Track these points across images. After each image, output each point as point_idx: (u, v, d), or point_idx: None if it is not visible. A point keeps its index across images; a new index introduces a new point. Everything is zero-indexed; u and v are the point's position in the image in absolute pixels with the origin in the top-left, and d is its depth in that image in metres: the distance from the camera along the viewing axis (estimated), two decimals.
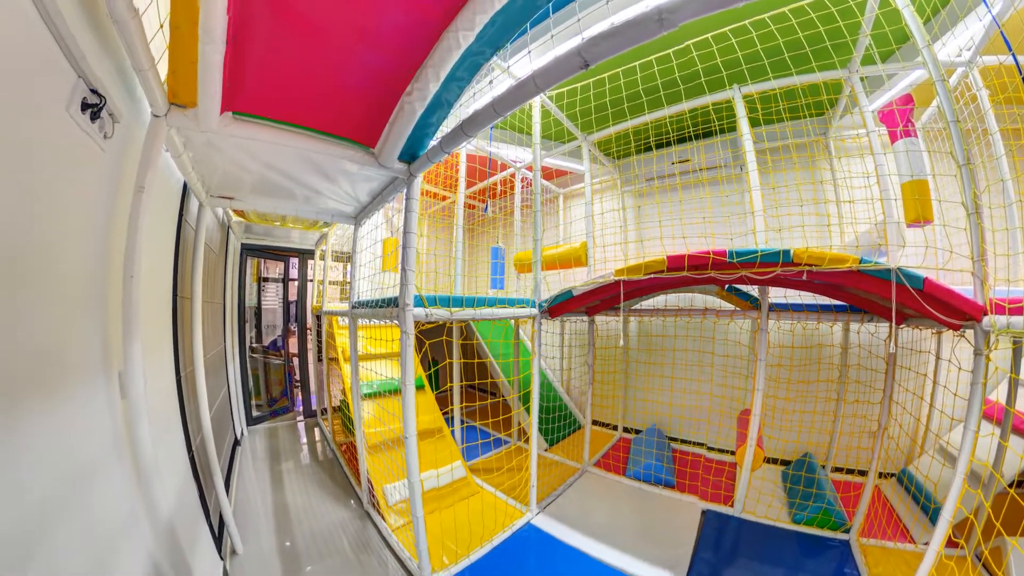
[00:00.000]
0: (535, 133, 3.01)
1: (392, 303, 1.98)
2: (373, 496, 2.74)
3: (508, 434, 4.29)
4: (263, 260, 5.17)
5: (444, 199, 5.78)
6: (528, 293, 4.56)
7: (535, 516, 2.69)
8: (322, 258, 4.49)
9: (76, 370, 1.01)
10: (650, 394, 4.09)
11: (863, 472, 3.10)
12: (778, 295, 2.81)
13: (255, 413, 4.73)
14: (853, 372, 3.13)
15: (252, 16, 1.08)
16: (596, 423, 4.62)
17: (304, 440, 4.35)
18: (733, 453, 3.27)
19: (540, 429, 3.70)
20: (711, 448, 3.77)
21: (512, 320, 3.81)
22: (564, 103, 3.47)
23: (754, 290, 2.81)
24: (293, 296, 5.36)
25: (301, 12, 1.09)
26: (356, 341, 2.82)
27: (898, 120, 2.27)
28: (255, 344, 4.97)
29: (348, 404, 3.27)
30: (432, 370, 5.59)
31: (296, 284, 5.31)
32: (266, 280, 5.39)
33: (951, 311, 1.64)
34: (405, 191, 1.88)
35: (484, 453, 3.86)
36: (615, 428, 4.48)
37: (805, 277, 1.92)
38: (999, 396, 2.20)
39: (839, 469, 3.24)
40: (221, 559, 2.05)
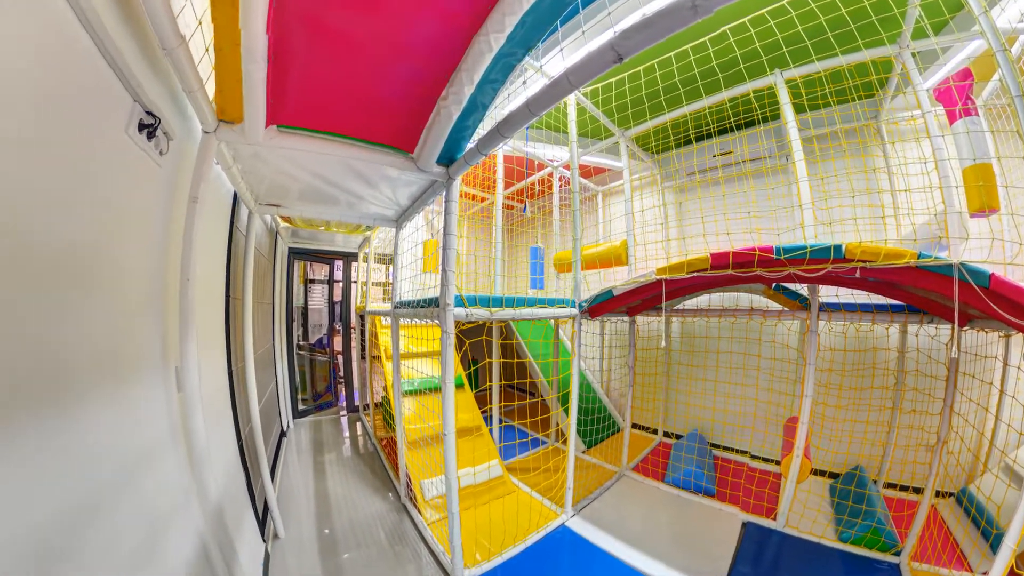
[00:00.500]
0: (571, 131, 2.98)
1: (433, 303, 2.02)
2: (411, 490, 2.83)
3: (546, 434, 4.28)
4: (309, 263, 5.47)
5: (483, 200, 5.84)
6: (568, 293, 4.53)
7: (570, 518, 2.67)
8: (365, 260, 4.67)
9: (137, 365, 1.11)
10: (692, 398, 3.94)
11: (918, 490, 2.80)
12: (829, 294, 2.63)
13: (301, 407, 5.01)
14: (910, 379, 2.86)
15: (290, 35, 1.14)
16: (635, 426, 4.51)
17: (346, 434, 4.54)
18: (778, 463, 3.10)
19: (578, 431, 3.65)
20: (755, 457, 3.58)
21: (552, 320, 3.79)
22: (599, 99, 3.41)
23: (803, 289, 2.64)
24: (338, 297, 5.63)
25: (336, 28, 1.14)
26: (398, 340, 2.90)
27: (956, 98, 2.06)
28: (302, 342, 5.27)
29: (389, 400, 3.38)
30: (472, 369, 5.66)
31: (340, 285, 5.55)
32: (312, 282, 5.70)
33: (1021, 311, 1.47)
34: (444, 194, 1.91)
35: (521, 453, 3.87)
36: (655, 432, 4.35)
37: (858, 274, 1.78)
38: None
39: (892, 485, 2.97)
40: (264, 542, 2.20)
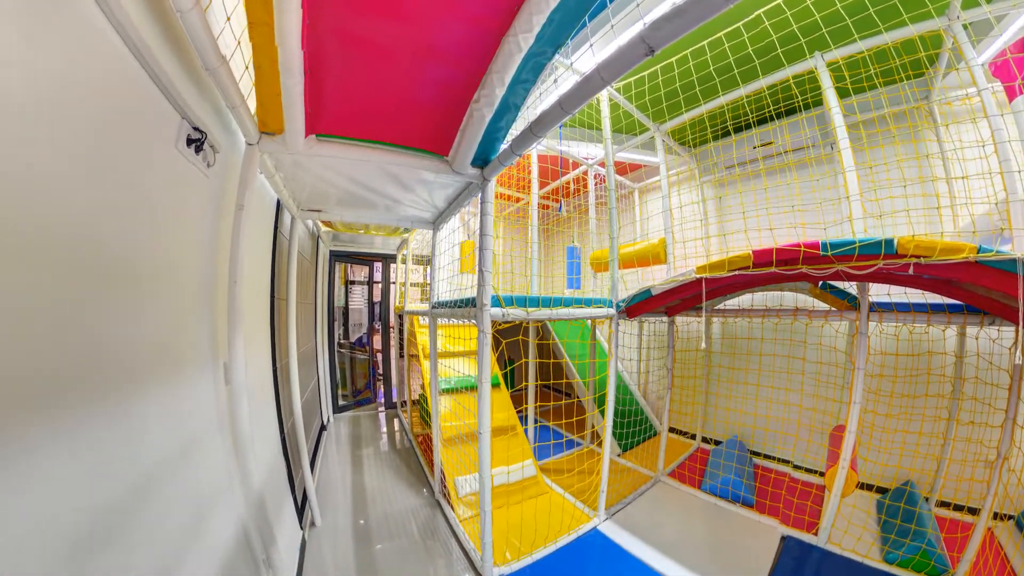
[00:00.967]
0: (605, 128, 2.93)
1: (470, 303, 2.04)
2: (444, 487, 2.88)
3: (581, 436, 4.24)
4: (350, 265, 5.71)
5: (518, 201, 5.86)
6: (605, 293, 4.46)
7: (602, 522, 2.62)
8: (403, 262, 4.80)
9: (190, 359, 1.21)
10: (732, 402, 3.75)
11: (974, 510, 2.54)
12: (880, 293, 2.43)
13: (341, 402, 5.24)
14: (969, 387, 2.57)
15: (324, 48, 1.19)
16: (673, 430, 4.37)
17: (384, 429, 4.69)
18: (822, 474, 2.90)
19: (614, 433, 3.60)
20: (797, 467, 3.37)
21: (588, 320, 3.75)
22: (632, 94, 3.33)
23: (852, 287, 2.46)
24: (377, 297, 5.84)
25: (367, 39, 1.18)
26: (435, 339, 2.97)
27: (1015, 72, 1.85)
28: (343, 340, 5.50)
29: (426, 398, 3.46)
30: (508, 369, 5.69)
31: (380, 286, 5.75)
32: (353, 283, 5.95)
33: None
34: (480, 195, 1.93)
35: (556, 454, 3.84)
36: (693, 437, 4.19)
37: (912, 271, 1.63)
38: None
39: (945, 504, 2.68)
40: (301, 529, 2.32)
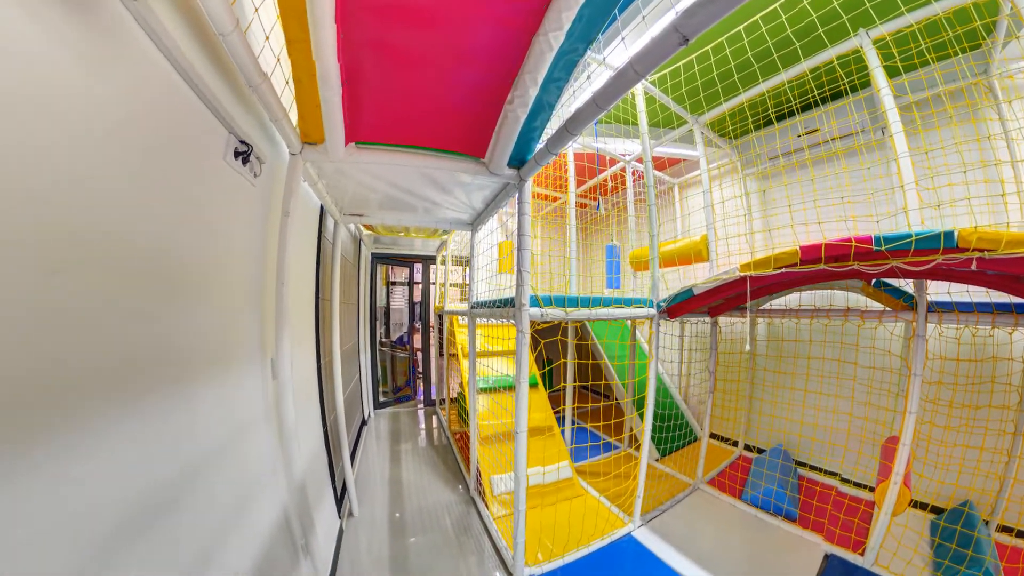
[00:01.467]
0: (641, 122, 2.86)
1: (509, 303, 2.06)
2: (480, 484, 2.93)
3: (619, 439, 4.16)
4: (391, 266, 5.93)
5: (555, 200, 5.85)
6: (645, 292, 4.35)
7: (637, 528, 2.56)
8: (443, 263, 4.93)
9: (239, 355, 1.31)
10: (778, 408, 3.54)
11: None
12: (940, 291, 2.22)
13: (381, 399, 5.44)
14: None
15: (359, 59, 1.24)
16: (714, 436, 4.19)
17: (422, 426, 4.81)
18: (872, 489, 2.68)
19: (653, 437, 3.49)
20: (845, 480, 3.13)
21: (628, 321, 3.69)
22: (668, 86, 3.22)
23: (908, 285, 2.27)
24: (417, 297, 6.02)
25: (400, 47, 1.21)
26: (474, 339, 3.02)
27: None
28: (384, 339, 5.72)
29: (464, 396, 3.54)
30: (546, 369, 5.68)
31: (420, 287, 5.91)
32: (394, 284, 6.17)
33: None
34: (517, 195, 1.94)
35: (592, 456, 3.80)
36: (735, 444, 4.00)
37: (974, 266, 1.47)
38: None
39: (1007, 529, 2.36)
40: (339, 518, 2.43)
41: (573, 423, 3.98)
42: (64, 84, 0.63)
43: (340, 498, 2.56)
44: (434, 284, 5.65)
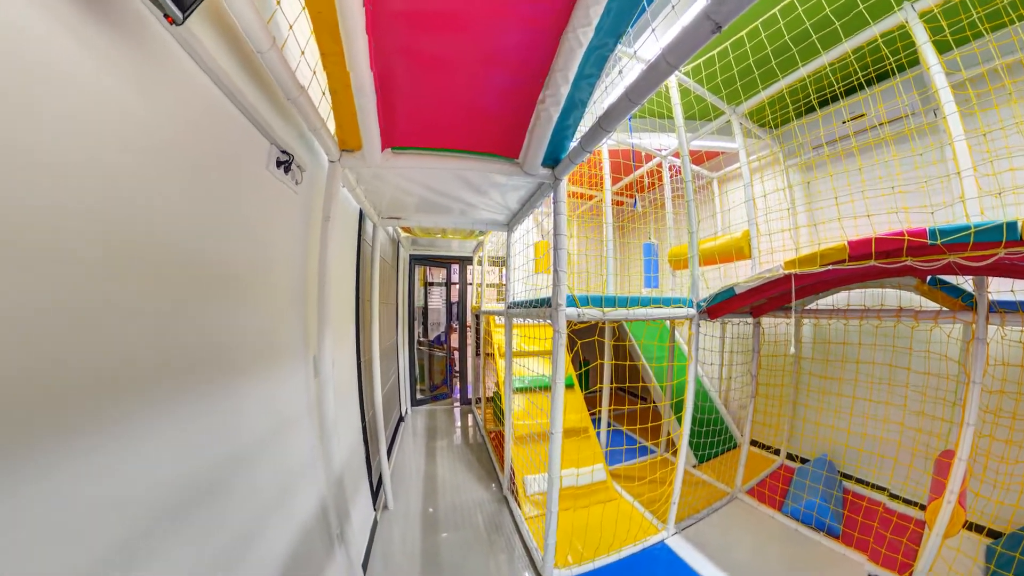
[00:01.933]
0: (677, 115, 2.79)
1: (545, 303, 2.08)
2: (513, 483, 2.95)
3: (655, 443, 4.07)
4: (428, 267, 6.08)
5: (591, 198, 5.80)
6: (685, 292, 4.23)
7: (670, 536, 2.49)
8: (479, 263, 5.00)
9: (283, 353, 1.40)
10: (823, 416, 3.33)
11: None
12: (1002, 289, 2.02)
13: (418, 396, 5.60)
14: None
15: (392, 67, 1.28)
16: (755, 444, 4.00)
17: (458, 424, 4.90)
18: (923, 508, 2.48)
19: (690, 443, 3.39)
20: (894, 496, 2.89)
21: (667, 321, 3.60)
22: (703, 76, 3.11)
23: (968, 282, 2.07)
24: (455, 298, 6.14)
25: (430, 53, 1.24)
26: (511, 339, 3.04)
27: None
28: (422, 338, 5.89)
29: (500, 396, 3.58)
30: (583, 370, 5.64)
31: (457, 287, 6.03)
32: (431, 284, 6.33)
33: None
34: (552, 195, 1.94)
35: (628, 460, 3.74)
36: (776, 452, 3.79)
37: None
38: None
39: None
40: (374, 511, 2.53)
41: (609, 425, 3.92)
42: (118, 108, 0.69)
43: (376, 491, 2.66)
44: (471, 284, 5.73)
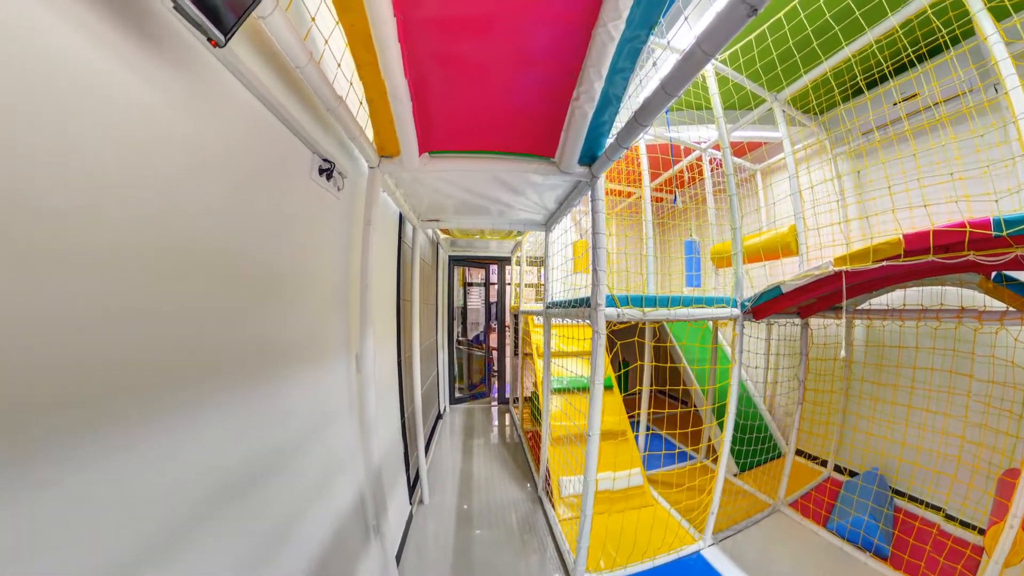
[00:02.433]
0: (715, 106, 2.68)
1: (584, 303, 2.07)
2: (548, 484, 2.95)
3: (695, 449, 3.92)
4: (467, 268, 6.20)
5: (629, 196, 5.68)
6: (728, 291, 4.05)
7: (707, 547, 2.39)
8: (517, 264, 5.02)
9: (327, 351, 1.49)
10: (875, 426, 3.06)
11: None
12: None
13: (457, 394, 5.71)
14: None
15: (425, 73, 1.33)
16: (800, 453, 3.75)
17: (495, 422, 4.96)
18: (982, 532, 2.25)
19: (732, 450, 3.24)
20: (950, 517, 2.61)
21: (710, 322, 3.46)
22: (741, 63, 2.96)
23: None
24: (493, 298, 6.21)
25: (462, 57, 1.28)
26: (549, 339, 3.05)
27: None
28: (461, 338, 6.00)
29: (538, 396, 3.59)
30: (622, 371, 5.53)
31: (496, 287, 6.09)
32: (470, 285, 6.44)
33: None
34: (589, 193, 1.92)
35: (666, 465, 3.64)
36: (823, 464, 3.53)
37: None
38: None
39: None
40: (410, 504, 2.61)
41: (648, 429, 3.84)
42: (168, 128, 0.75)
43: (412, 486, 2.75)
44: (509, 285, 5.78)
